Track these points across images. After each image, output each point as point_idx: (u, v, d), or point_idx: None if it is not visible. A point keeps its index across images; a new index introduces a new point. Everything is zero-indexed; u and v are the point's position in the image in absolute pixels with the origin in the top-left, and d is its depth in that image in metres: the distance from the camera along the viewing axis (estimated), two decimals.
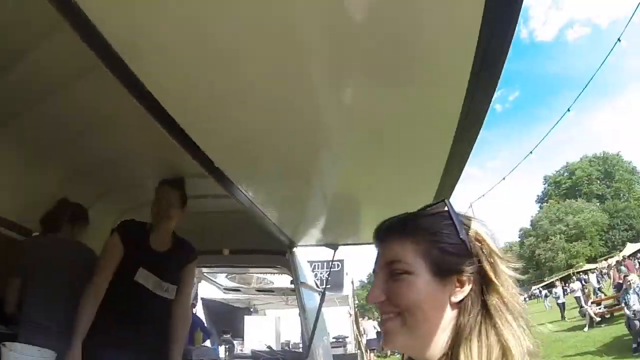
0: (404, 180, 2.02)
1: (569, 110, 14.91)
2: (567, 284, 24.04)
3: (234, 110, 1.33)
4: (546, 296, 35.11)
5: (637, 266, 27.82)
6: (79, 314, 2.26)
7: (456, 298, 0.81)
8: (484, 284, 0.82)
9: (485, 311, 0.80)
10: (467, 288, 0.81)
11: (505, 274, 0.82)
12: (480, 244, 0.84)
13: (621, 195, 66.43)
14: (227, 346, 2.91)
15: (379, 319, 0.87)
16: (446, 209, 0.87)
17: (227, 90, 1.25)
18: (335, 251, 2.83)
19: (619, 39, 12.16)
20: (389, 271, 0.84)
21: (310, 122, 1.42)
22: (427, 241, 0.83)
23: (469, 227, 0.86)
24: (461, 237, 0.83)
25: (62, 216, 2.81)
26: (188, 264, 2.79)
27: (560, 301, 19.94)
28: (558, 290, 21.73)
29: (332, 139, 1.57)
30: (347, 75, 1.18)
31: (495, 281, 0.81)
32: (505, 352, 0.75)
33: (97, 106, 2.18)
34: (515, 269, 0.84)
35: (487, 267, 0.82)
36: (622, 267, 20.05)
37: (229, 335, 2.94)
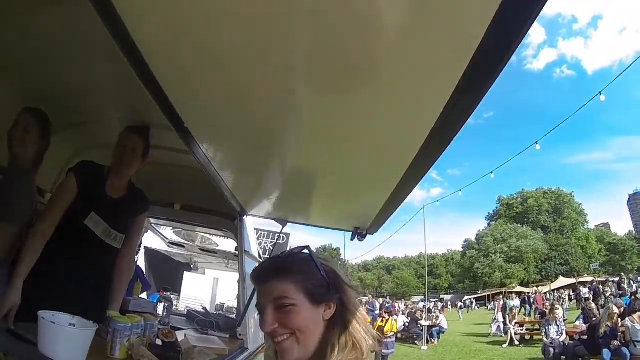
0: (361, 177, 2.10)
1: (536, 143, 15.55)
2: (510, 299, 25.23)
3: (210, 69, 1.35)
4: (461, 308, 37.69)
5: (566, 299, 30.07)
6: (23, 254, 2.14)
7: (327, 317, 1.17)
8: (342, 306, 1.18)
9: (343, 323, 1.16)
10: (333, 309, 1.17)
11: (354, 298, 1.21)
12: (336, 278, 1.20)
13: (565, 231, 70.87)
14: (166, 304, 2.96)
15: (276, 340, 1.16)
16: (309, 254, 1.22)
17: (210, 49, 1.26)
18: (283, 227, 2.93)
19: (600, 92, 12.73)
20: (276, 305, 1.14)
21: (284, 100, 1.46)
22: (302, 280, 1.15)
23: (329, 267, 1.21)
24: (322, 274, 1.17)
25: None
26: (140, 214, 2.76)
27: (494, 316, 20.90)
28: (508, 303, 22.81)
29: (301, 121, 1.62)
30: (329, 66, 1.22)
31: (348, 305, 1.19)
32: (355, 345, 1.13)
33: (65, 31, 1.98)
34: (361, 295, 1.30)
35: (343, 295, 1.19)
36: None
37: (169, 293, 3.00)
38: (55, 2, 1.83)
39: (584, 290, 29.95)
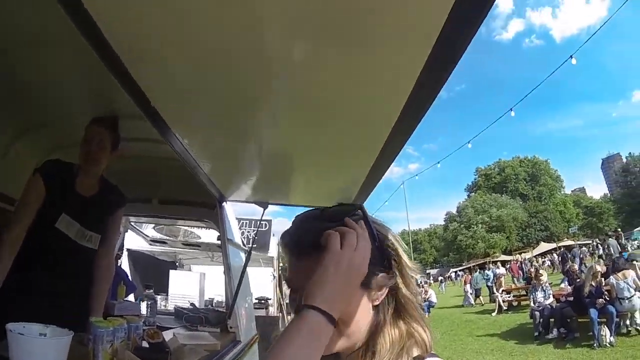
0: (340, 152, 2.04)
1: (511, 110, 15.78)
2: (483, 271, 25.74)
3: (180, 50, 1.26)
4: (441, 282, 38.62)
5: (548, 264, 31.15)
6: None
7: (376, 301, 0.90)
8: (395, 287, 0.91)
9: (396, 307, 0.91)
10: (385, 291, 0.90)
11: (412, 281, 0.94)
12: (393, 252, 0.93)
13: (542, 198, 73.69)
14: (149, 302, 2.86)
15: None
16: (362, 216, 0.91)
17: (175, 26, 1.17)
18: (264, 210, 2.85)
19: (571, 56, 13.05)
20: None
21: (254, 79, 1.39)
22: None
23: (383, 236, 0.93)
24: (377, 245, 0.88)
25: None
26: (115, 212, 2.61)
27: (477, 287, 21.46)
28: (477, 276, 23.35)
29: (274, 98, 1.55)
30: (298, 36, 1.16)
31: (403, 285, 0.92)
32: (411, 335, 0.88)
33: (22, 22, 1.80)
34: (417, 274, 0.96)
35: (398, 274, 0.92)
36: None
37: (151, 291, 2.89)
38: None
39: (555, 257, 31.12)
